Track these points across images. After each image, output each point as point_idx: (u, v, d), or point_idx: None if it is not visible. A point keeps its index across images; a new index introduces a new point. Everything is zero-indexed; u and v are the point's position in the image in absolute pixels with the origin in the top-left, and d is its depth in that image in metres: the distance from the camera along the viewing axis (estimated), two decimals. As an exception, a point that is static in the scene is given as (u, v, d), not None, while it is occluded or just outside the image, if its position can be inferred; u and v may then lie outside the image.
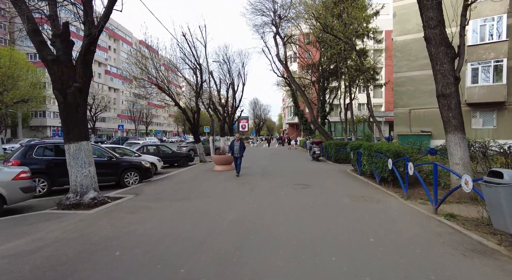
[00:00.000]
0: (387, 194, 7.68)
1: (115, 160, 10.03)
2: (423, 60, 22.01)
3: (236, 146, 11.88)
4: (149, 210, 6.38)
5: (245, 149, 12.34)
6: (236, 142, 11.99)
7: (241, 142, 11.96)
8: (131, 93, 64.69)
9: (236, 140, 12.05)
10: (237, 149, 11.82)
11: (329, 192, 8.08)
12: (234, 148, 11.90)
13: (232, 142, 12.21)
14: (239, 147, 11.84)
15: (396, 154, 8.09)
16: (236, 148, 11.85)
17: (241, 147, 11.87)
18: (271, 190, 8.58)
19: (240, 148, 11.85)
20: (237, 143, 11.91)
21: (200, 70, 16.15)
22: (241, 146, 11.89)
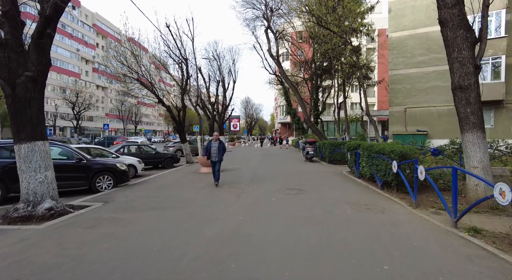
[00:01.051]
0: (392, 202, 6.76)
1: (85, 162, 8.88)
2: (419, 57, 21.41)
3: (213, 148, 9.38)
4: (113, 224, 5.30)
5: (226, 151, 9.83)
6: (213, 143, 9.45)
7: (220, 143, 9.48)
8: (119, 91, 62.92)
9: (214, 139, 9.55)
10: (215, 152, 9.33)
11: (327, 199, 7.12)
12: (210, 150, 9.40)
13: (208, 143, 9.61)
14: (217, 148, 9.38)
15: (402, 155, 7.18)
16: (214, 150, 9.36)
17: (220, 149, 9.37)
18: (260, 196, 7.57)
19: (219, 150, 9.36)
20: (215, 144, 9.42)
21: (186, 64, 15.05)
22: (220, 147, 9.40)
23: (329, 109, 44.91)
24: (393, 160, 7.19)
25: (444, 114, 20.46)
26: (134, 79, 13.67)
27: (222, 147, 9.47)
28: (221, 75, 24.95)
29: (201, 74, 21.58)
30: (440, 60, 20.52)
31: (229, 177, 11.28)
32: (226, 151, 9.96)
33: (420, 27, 21.27)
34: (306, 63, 27.59)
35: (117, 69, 13.90)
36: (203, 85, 23.32)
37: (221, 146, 9.46)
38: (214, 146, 9.42)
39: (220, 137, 9.98)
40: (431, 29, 20.89)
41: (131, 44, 13.38)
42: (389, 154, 7.50)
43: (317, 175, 11.50)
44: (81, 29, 67.86)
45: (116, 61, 13.54)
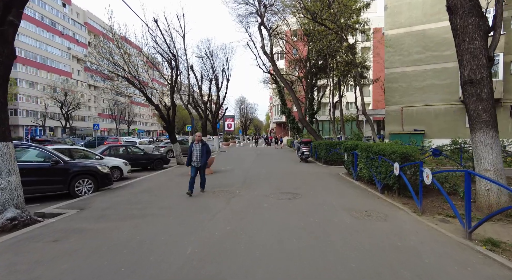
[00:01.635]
0: (394, 207, 6.20)
1: (62, 164, 8.18)
2: (416, 55, 20.98)
3: (195, 151, 7.94)
4: (82, 237, 4.65)
5: (211, 155, 8.51)
6: (195, 145, 8.00)
7: (203, 145, 8.00)
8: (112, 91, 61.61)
9: (196, 141, 8.05)
10: (197, 156, 7.92)
11: (323, 204, 6.54)
12: (192, 153, 7.99)
13: (190, 146, 8.17)
14: (200, 152, 7.91)
15: (404, 157, 6.63)
16: (196, 153, 7.93)
17: (203, 153, 7.93)
18: (252, 202, 6.96)
19: (202, 154, 7.91)
20: (197, 146, 7.95)
21: (175, 61, 14.37)
22: (203, 151, 7.94)
23: (324, 109, 44.53)
24: (394, 162, 6.64)
25: (441, 113, 20.10)
26: (120, 76, 12.95)
27: (205, 150, 8.01)
28: (214, 73, 24.27)
29: (193, 72, 20.89)
30: (437, 58, 20.18)
31: (220, 179, 10.66)
32: (215, 153, 9.25)
33: (416, 24, 20.87)
34: (301, 61, 27.06)
35: (102, 65, 13.16)
36: (196, 83, 22.61)
37: (205, 149, 8.00)
38: (196, 149, 7.96)
39: (203, 138, 9.31)
40: (427, 27, 20.52)
41: (116, 37, 12.64)
42: (390, 155, 6.94)
43: (312, 176, 10.93)
44: (72, 27, 66.51)
45: (101, 57, 12.80)
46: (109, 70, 13.17)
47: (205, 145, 8.12)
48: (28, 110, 53.65)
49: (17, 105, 51.55)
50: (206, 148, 8.12)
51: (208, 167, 12.33)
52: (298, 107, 19.53)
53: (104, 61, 13.12)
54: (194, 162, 7.98)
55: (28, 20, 54.88)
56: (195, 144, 8.08)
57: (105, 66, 13.37)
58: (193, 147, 8.06)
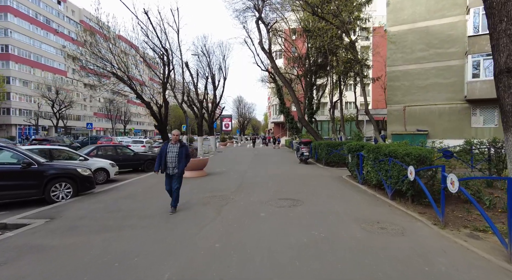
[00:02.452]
0: (410, 218, 5.41)
1: (36, 167, 7.33)
2: (419, 52, 20.23)
3: (170, 154, 6.10)
4: (37, 257, 3.82)
5: (190, 159, 6.60)
6: (171, 146, 6.18)
7: (182, 147, 6.20)
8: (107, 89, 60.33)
9: (173, 141, 6.23)
10: (172, 160, 6.07)
11: (328, 214, 5.74)
12: (167, 157, 6.11)
13: (163, 147, 6.26)
14: (178, 156, 6.09)
15: (420, 159, 5.84)
16: (171, 157, 6.08)
17: (181, 157, 6.11)
18: (247, 210, 6.15)
19: (179, 158, 6.10)
20: (173, 148, 6.14)
21: (167, 56, 13.53)
22: (181, 154, 6.12)
23: (323, 109, 43.78)
24: (408, 165, 5.85)
25: (445, 112, 19.37)
26: (107, 71, 12.09)
27: (184, 153, 6.15)
28: (211, 71, 23.43)
29: (188, 70, 20.06)
30: (441, 56, 19.44)
31: (213, 182, 9.84)
32: (211, 153, 8.32)
33: (420, 21, 20.13)
34: (300, 59, 26.28)
35: (89, 59, 12.29)
36: (191, 81, 21.75)
37: (183, 152, 6.15)
38: (172, 151, 6.09)
39: (199, 138, 8.37)
40: (431, 23, 19.78)
41: (104, 28, 11.77)
42: (403, 157, 6.15)
43: (314, 180, 10.13)
44: (67, 25, 65.38)
45: (86, 49, 11.94)
46: (95, 64, 12.30)
47: (184, 147, 6.24)
48: (22, 109, 52.55)
49: (10, 104, 50.48)
50: (185, 150, 6.21)
51: (201, 169, 11.52)
52: (298, 106, 18.75)
53: (90, 54, 12.24)
54: (169, 169, 6.12)
55: (22, 17, 53.83)
56: (171, 145, 6.18)
57: (92, 60, 12.50)
58: (167, 148, 6.13)
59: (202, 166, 11.55)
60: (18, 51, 53.28)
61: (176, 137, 6.25)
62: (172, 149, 6.16)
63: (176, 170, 6.10)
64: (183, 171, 6.28)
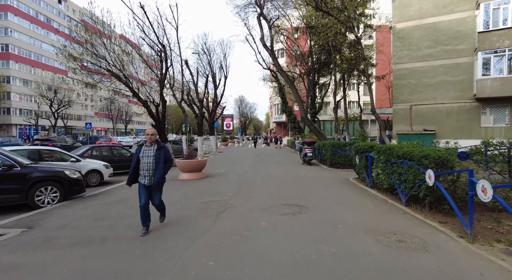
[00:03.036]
0: (431, 228, 4.79)
1: (18, 169, 6.77)
2: (426, 49, 19.54)
3: (145, 159, 4.81)
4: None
5: (170, 167, 5.12)
6: (146, 150, 4.86)
7: (159, 149, 4.89)
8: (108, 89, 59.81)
9: (148, 143, 4.90)
10: (148, 166, 4.78)
11: (337, 223, 5.14)
12: (140, 163, 4.82)
13: (136, 151, 4.92)
14: (154, 161, 4.81)
15: (440, 162, 5.23)
16: (147, 162, 4.79)
17: (158, 161, 4.81)
18: (246, 218, 5.55)
19: (157, 164, 4.81)
20: (149, 152, 4.83)
21: (164, 52, 12.96)
22: (158, 158, 4.83)
23: (325, 108, 43.12)
24: (426, 169, 5.24)
25: (453, 111, 18.70)
26: (102, 67, 11.53)
27: (163, 157, 4.83)
28: (211, 70, 22.87)
29: (188, 68, 19.49)
30: (449, 53, 18.76)
31: (211, 185, 9.25)
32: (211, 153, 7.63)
33: (427, 16, 19.45)
34: (303, 57, 25.66)
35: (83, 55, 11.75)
36: (191, 80, 21.18)
37: (162, 155, 4.83)
38: (147, 156, 4.78)
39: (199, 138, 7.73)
40: (439, 19, 19.10)
41: (95, 19, 11.22)
42: (420, 160, 5.53)
43: (318, 183, 9.52)
44: (68, 25, 65.00)
45: (80, 46, 11.40)
46: (89, 61, 11.75)
47: (163, 149, 4.91)
48: (22, 109, 52.21)
49: (10, 103, 50.15)
50: (165, 153, 4.89)
51: (199, 171, 10.94)
52: (301, 105, 18.15)
53: (85, 51, 11.69)
54: (144, 178, 4.77)
55: (22, 17, 53.52)
56: (145, 148, 4.84)
57: (87, 57, 11.95)
58: (141, 153, 4.81)
59: (201, 168, 10.97)
60: (19, 51, 52.96)
61: (151, 138, 4.85)
62: (147, 152, 4.82)
63: (153, 180, 4.77)
64: (163, 179, 4.94)
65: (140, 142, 5.21)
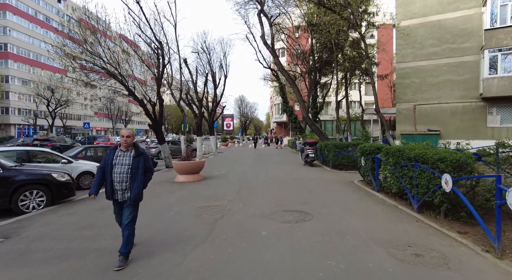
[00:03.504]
0: (449, 239, 4.32)
1: (1, 172, 6.31)
2: (430, 48, 19.03)
3: (119, 168, 3.71)
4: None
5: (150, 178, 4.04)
6: (120, 156, 3.77)
7: (137, 157, 3.77)
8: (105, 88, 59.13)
9: (123, 147, 3.80)
10: (122, 178, 3.70)
11: (345, 233, 4.66)
12: (112, 172, 3.71)
13: (107, 157, 3.79)
14: (130, 170, 3.72)
15: (458, 166, 4.75)
16: (120, 173, 3.70)
17: (135, 172, 3.73)
18: (245, 227, 5.08)
19: (133, 174, 3.73)
20: (123, 159, 3.75)
21: (161, 49, 12.50)
22: (136, 168, 3.73)
23: (326, 108, 42.60)
24: (442, 173, 4.77)
25: (458, 111, 18.20)
26: (95, 65, 11.08)
27: (142, 166, 3.79)
28: (211, 69, 22.41)
29: (187, 66, 19.03)
30: (454, 51, 18.26)
31: (209, 188, 8.78)
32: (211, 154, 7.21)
33: (431, 14, 18.95)
34: (304, 56, 25.18)
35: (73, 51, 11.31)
36: (190, 79, 20.73)
37: (141, 164, 3.79)
38: (121, 164, 3.73)
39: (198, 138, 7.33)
40: (444, 17, 18.61)
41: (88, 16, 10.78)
42: (435, 163, 5.06)
43: (322, 186, 9.04)
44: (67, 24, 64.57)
45: (73, 43, 10.94)
46: (83, 58, 11.30)
47: (143, 156, 3.82)
48: (21, 109, 51.79)
49: (9, 103, 49.74)
50: (144, 161, 3.82)
51: (197, 172, 10.47)
52: (302, 104, 17.68)
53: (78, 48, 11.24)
54: (115, 192, 3.74)
55: (21, 15, 53.11)
56: (120, 153, 3.77)
57: (80, 53, 11.49)
58: (114, 159, 3.73)
59: (198, 170, 10.50)
60: (17, 50, 52.56)
61: (126, 141, 3.73)
62: (121, 159, 3.71)
63: (128, 194, 3.72)
64: (140, 196, 3.84)
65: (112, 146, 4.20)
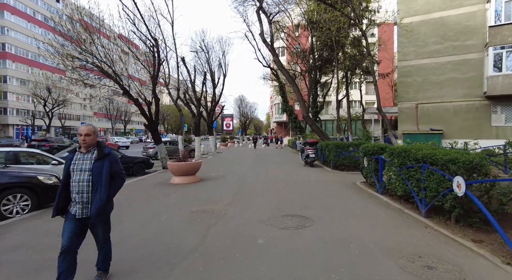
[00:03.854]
0: (463, 248, 3.94)
1: (-19, 175, 5.96)
2: (433, 46, 18.65)
3: (77, 175, 2.92)
4: None
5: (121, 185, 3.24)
6: (80, 159, 2.98)
7: (101, 159, 3.00)
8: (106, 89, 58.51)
9: (83, 148, 3.01)
10: (82, 187, 2.90)
11: (350, 241, 4.28)
12: (71, 180, 2.93)
13: (68, 159, 3.01)
14: (92, 176, 2.93)
15: (471, 168, 4.38)
16: (79, 180, 2.91)
17: (98, 178, 2.94)
18: (241, 234, 4.70)
19: (96, 181, 2.93)
20: (84, 163, 2.96)
21: (157, 47, 12.13)
22: (99, 173, 2.95)
23: (327, 108, 42.22)
24: (453, 175, 4.40)
25: (462, 110, 17.81)
26: (88, 62, 10.72)
27: (106, 172, 2.99)
28: (210, 68, 22.05)
29: (185, 65, 18.66)
30: (457, 49, 17.87)
31: (205, 190, 8.40)
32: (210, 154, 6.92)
33: (434, 11, 18.58)
34: (304, 55, 24.81)
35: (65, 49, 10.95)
36: (188, 78, 20.36)
37: (104, 169, 2.98)
38: (80, 170, 2.94)
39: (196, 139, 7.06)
40: (447, 13, 18.23)
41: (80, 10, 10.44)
42: (445, 164, 4.68)
43: (323, 187, 8.66)
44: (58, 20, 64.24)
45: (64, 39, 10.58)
46: (75, 56, 10.94)
47: (108, 158, 3.07)
48: (19, 109, 51.43)
49: (7, 103, 49.39)
50: (111, 165, 3.07)
51: (193, 174, 10.09)
52: (302, 103, 17.30)
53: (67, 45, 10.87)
54: (74, 206, 2.95)
55: (19, 15, 52.77)
56: (80, 156, 3.00)
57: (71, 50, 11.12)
58: (72, 164, 2.97)
59: (194, 171, 10.12)
60: (15, 50, 52.21)
61: (85, 140, 2.94)
62: (80, 164, 2.94)
63: (91, 207, 2.90)
64: (108, 208, 3.11)
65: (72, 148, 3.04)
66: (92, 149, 3.05)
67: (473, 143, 8.66)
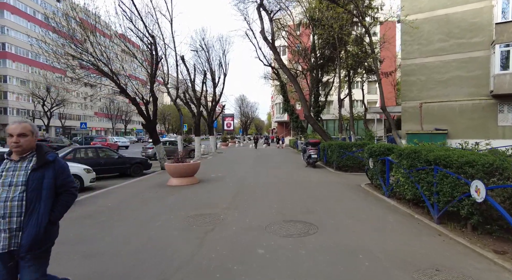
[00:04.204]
0: (485, 260, 3.58)
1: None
2: (437, 43, 18.24)
3: (5, 192, 2.04)
4: None
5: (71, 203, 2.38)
6: (10, 169, 2.12)
7: (40, 168, 2.15)
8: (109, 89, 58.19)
9: (15, 153, 2.18)
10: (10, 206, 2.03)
11: (358, 251, 3.92)
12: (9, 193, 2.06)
13: None
14: (26, 194, 2.07)
15: (491, 171, 4.00)
16: (5, 199, 2.02)
17: (35, 196, 2.10)
18: (239, 242, 4.34)
19: (32, 200, 2.08)
20: (16, 174, 2.10)
21: (154, 44, 11.80)
22: (37, 188, 2.11)
23: (328, 107, 41.83)
24: (471, 179, 4.03)
25: (467, 109, 17.40)
26: (82, 60, 10.40)
27: (48, 187, 2.16)
28: (210, 67, 21.72)
29: (184, 64, 18.34)
30: (463, 47, 17.46)
31: (204, 193, 8.05)
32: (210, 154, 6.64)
33: (439, 8, 18.16)
34: (306, 54, 24.43)
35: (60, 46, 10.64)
36: (188, 77, 20.04)
37: (45, 183, 2.15)
38: (9, 184, 2.07)
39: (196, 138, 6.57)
40: (452, 10, 17.81)
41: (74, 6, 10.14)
42: (461, 167, 4.31)
43: (327, 190, 8.30)
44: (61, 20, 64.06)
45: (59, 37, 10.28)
46: (69, 54, 10.62)
47: (50, 166, 2.21)
48: (19, 109, 51.25)
49: (7, 103, 49.22)
50: (55, 175, 2.23)
51: (191, 175, 9.74)
52: (304, 102, 16.94)
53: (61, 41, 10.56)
54: None
55: (19, 15, 52.57)
56: (10, 164, 2.15)
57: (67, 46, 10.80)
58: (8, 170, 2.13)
59: (192, 172, 9.77)
60: (16, 49, 52.03)
61: (18, 142, 2.13)
62: (10, 176, 2.12)
63: (23, 237, 2.08)
64: (50, 236, 2.28)
65: None
66: (28, 156, 2.19)
67: (484, 143, 8.26)
